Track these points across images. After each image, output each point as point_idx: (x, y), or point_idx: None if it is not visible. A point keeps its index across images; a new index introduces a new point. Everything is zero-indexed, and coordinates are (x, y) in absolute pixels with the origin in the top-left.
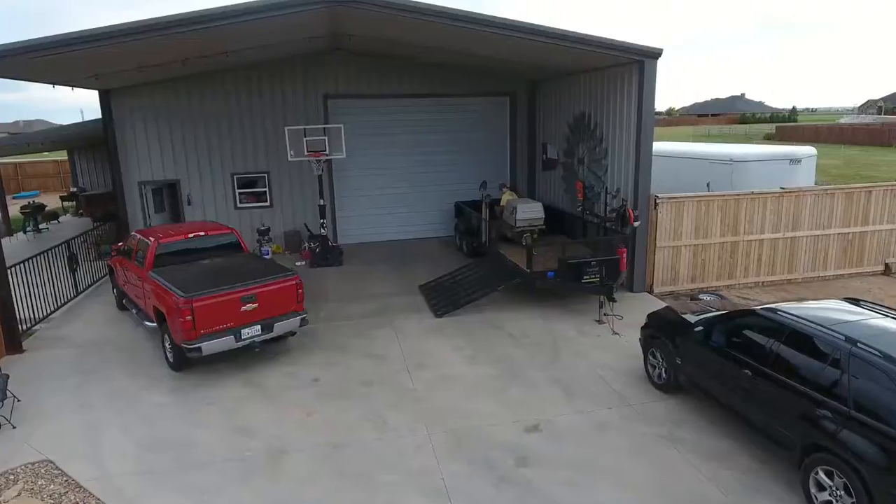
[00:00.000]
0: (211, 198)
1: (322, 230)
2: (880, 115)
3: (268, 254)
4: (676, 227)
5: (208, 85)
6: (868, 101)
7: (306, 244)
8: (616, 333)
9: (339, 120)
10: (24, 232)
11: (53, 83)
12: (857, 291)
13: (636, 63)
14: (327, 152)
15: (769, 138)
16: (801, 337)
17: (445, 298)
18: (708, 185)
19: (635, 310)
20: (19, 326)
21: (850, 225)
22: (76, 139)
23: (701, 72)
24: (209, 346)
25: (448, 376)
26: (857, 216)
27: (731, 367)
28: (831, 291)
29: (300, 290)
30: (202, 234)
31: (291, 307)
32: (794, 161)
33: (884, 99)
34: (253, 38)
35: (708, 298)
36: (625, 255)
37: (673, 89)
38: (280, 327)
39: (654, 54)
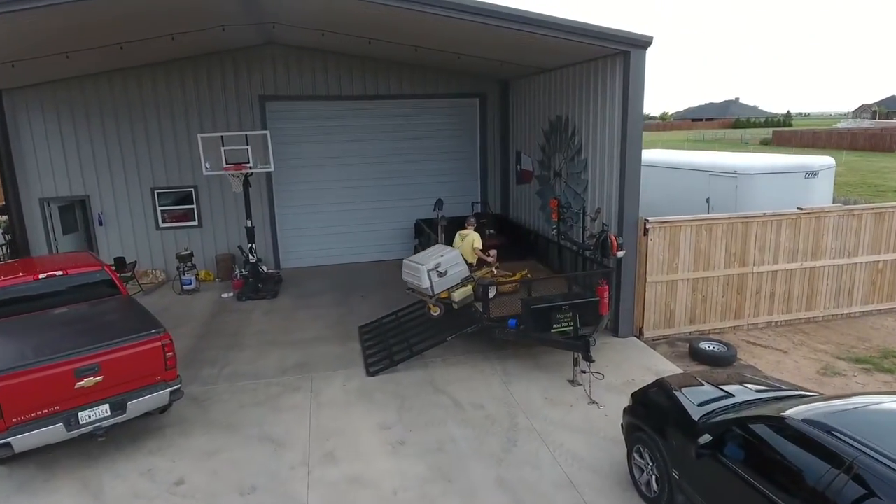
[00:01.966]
0: (127, 217)
1: (251, 257)
2: (875, 119)
3: (190, 284)
4: (671, 258)
5: (124, 85)
6: (862, 105)
7: (237, 271)
8: (594, 402)
9: (279, 126)
10: None
11: None
12: (891, 332)
13: (620, 54)
14: (251, 164)
15: (766, 143)
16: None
17: (383, 348)
18: (708, 201)
19: (621, 363)
20: None
21: (881, 251)
22: None
23: (695, 75)
24: (24, 441)
25: (359, 479)
26: (889, 241)
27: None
28: (860, 332)
29: (169, 353)
30: (58, 273)
31: (156, 377)
32: (811, 173)
33: (878, 103)
34: (147, 23)
35: (711, 348)
36: (606, 293)
37: (667, 93)
38: (136, 406)
39: (642, 43)
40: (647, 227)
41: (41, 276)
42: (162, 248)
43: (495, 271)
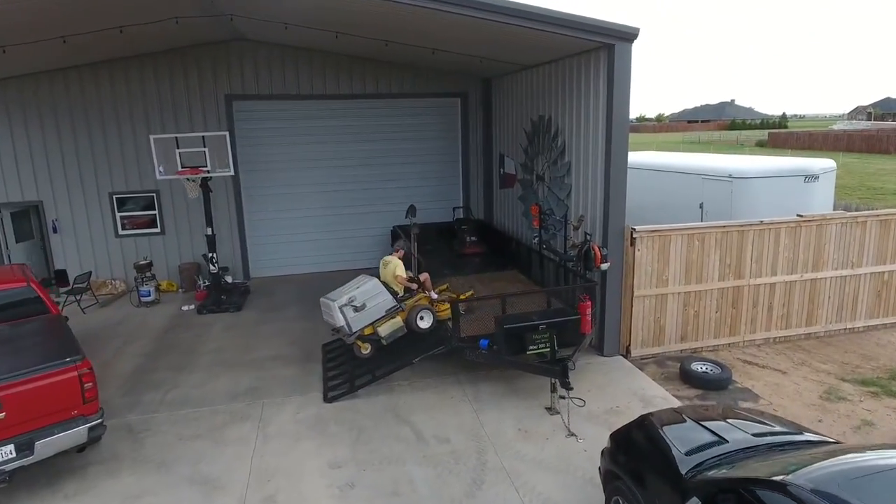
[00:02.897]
0: (84, 223)
1: (212, 267)
2: (870, 120)
3: (148, 295)
4: (661, 270)
5: (79, 84)
6: (858, 107)
7: (201, 282)
8: (572, 434)
9: (247, 127)
10: None
11: None
12: None
13: (604, 48)
14: (208, 168)
15: (761, 145)
16: None
17: (346, 370)
18: (701, 206)
19: (605, 386)
20: None
21: (887, 262)
22: None
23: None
24: None
25: None
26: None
27: None
28: (865, 349)
29: (88, 384)
30: None
31: (71, 411)
32: (811, 177)
33: (873, 105)
34: (92, 14)
35: (704, 370)
36: (589, 310)
37: (663, 95)
38: (46, 447)
39: (628, 35)
40: (635, 236)
41: None
42: (122, 257)
43: (435, 295)
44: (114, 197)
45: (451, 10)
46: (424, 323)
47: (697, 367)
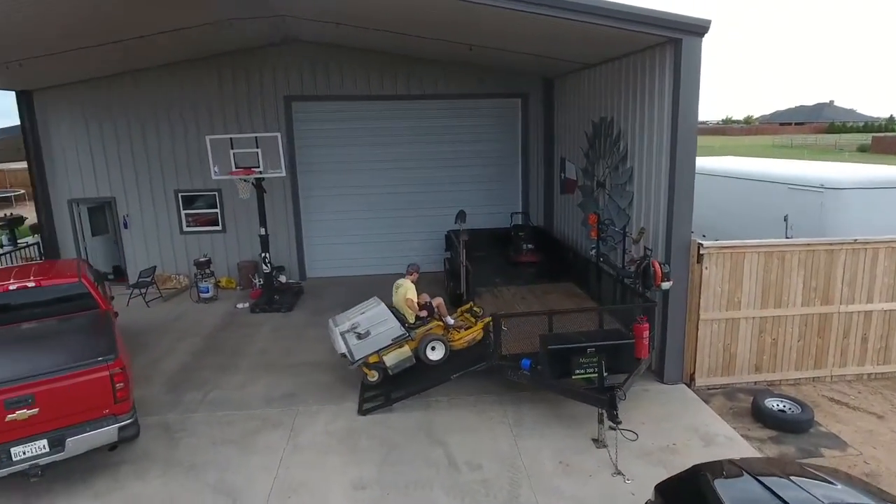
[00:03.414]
0: (152, 220)
1: (265, 267)
2: None
3: (207, 291)
4: (732, 291)
5: (149, 85)
6: None
7: (257, 281)
8: (619, 473)
9: (305, 128)
10: (1, 246)
11: None
12: None
13: (670, 43)
14: (260, 169)
15: (863, 150)
16: None
17: (382, 381)
18: (786, 220)
19: (663, 420)
20: None
21: None
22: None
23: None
24: None
25: None
26: None
27: None
28: None
29: (119, 384)
30: (30, 284)
31: (102, 410)
32: None
33: None
34: (148, 18)
35: (781, 407)
36: (647, 333)
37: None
38: (77, 443)
39: (697, 29)
40: (702, 252)
41: (11, 287)
42: (186, 253)
43: (451, 321)
44: (179, 195)
45: (507, 7)
46: (435, 355)
47: (773, 403)
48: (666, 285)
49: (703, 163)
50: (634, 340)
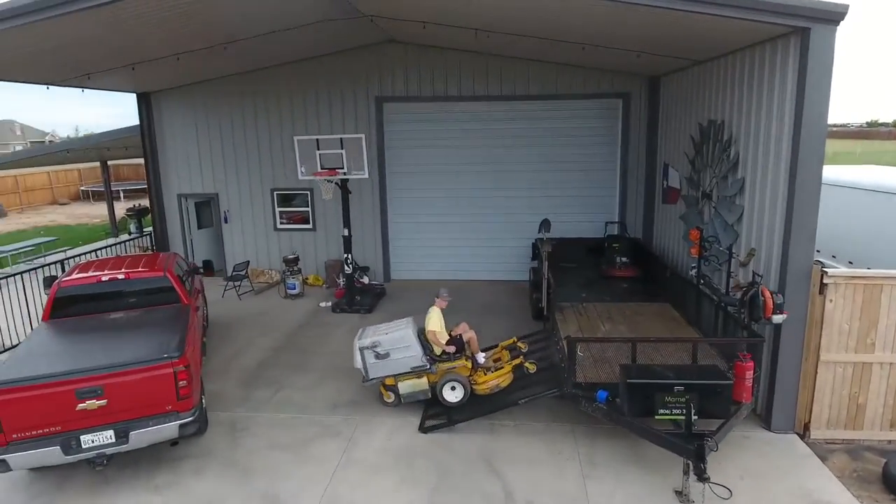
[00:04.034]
0: (249, 216)
1: (346, 267)
2: None
3: (294, 288)
4: (864, 329)
5: (250, 86)
6: None
7: (340, 280)
8: None
9: (395, 129)
10: (129, 234)
11: (89, 75)
12: None
13: (795, 33)
14: (345, 170)
15: None
16: None
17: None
18: None
19: (764, 475)
20: None
21: None
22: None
23: None
24: (21, 459)
25: None
26: None
27: None
28: None
29: (182, 382)
30: (120, 277)
31: (165, 406)
32: None
33: None
34: (245, 22)
35: None
36: (750, 373)
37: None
38: (139, 437)
39: (831, 16)
40: (826, 281)
41: (103, 278)
42: (278, 249)
43: (481, 360)
44: (274, 193)
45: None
46: (452, 396)
47: None
48: (778, 318)
49: (834, 173)
50: (734, 380)
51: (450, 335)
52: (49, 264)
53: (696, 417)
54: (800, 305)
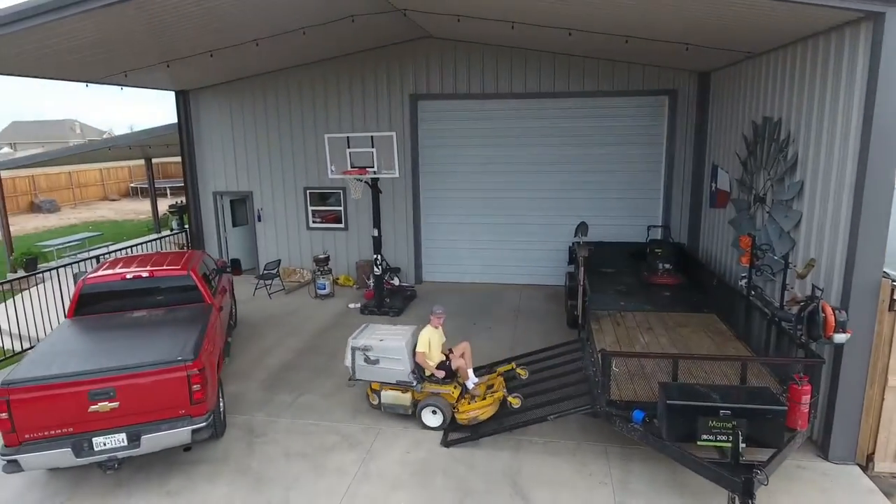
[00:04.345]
0: (283, 214)
1: (376, 268)
2: None
3: (324, 288)
4: None
5: (283, 84)
6: None
7: (370, 281)
8: None
9: (429, 127)
10: (171, 230)
11: (126, 73)
12: None
13: (867, 18)
14: (374, 169)
15: None
16: None
17: None
18: None
19: None
20: None
21: None
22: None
23: None
24: (32, 460)
25: None
26: None
27: None
28: None
29: (196, 386)
30: (144, 275)
31: (178, 410)
32: None
33: None
34: (275, 17)
35: None
36: (807, 397)
37: None
38: (150, 442)
39: None
40: None
41: (127, 275)
42: (311, 248)
43: (471, 385)
44: (307, 191)
45: None
46: (431, 420)
47: None
48: (840, 338)
49: None
50: (788, 405)
51: (446, 355)
52: (89, 259)
53: (744, 446)
54: (866, 323)
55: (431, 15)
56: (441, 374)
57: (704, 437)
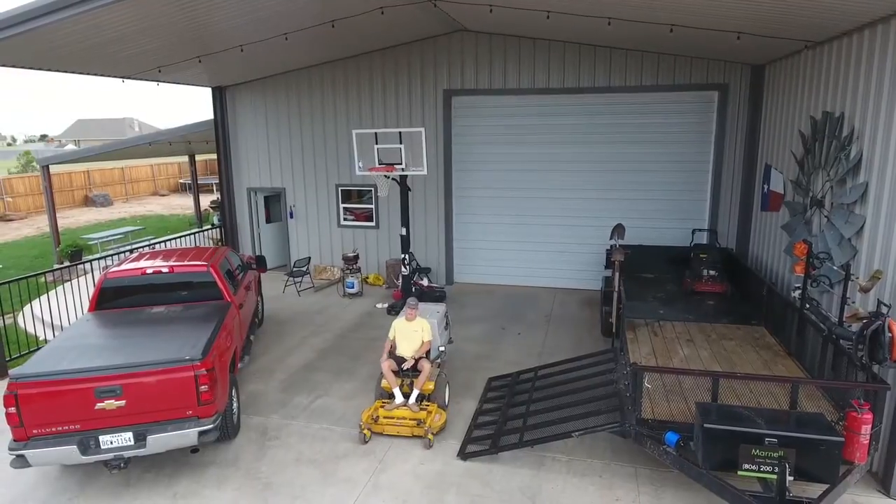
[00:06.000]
0: (314, 211)
1: (404, 269)
2: None
3: (352, 287)
4: None
5: (317, 80)
6: None
7: (399, 281)
8: None
9: (463, 123)
10: (212, 225)
11: (160, 68)
12: None
13: None
14: (403, 166)
15: None
16: None
17: (500, 419)
18: None
19: None
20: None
21: None
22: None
23: None
24: (39, 456)
25: None
26: None
27: None
28: None
29: (204, 387)
30: (164, 270)
31: (185, 411)
32: None
33: None
34: (303, 11)
35: None
36: (868, 427)
37: None
38: (156, 442)
39: None
40: None
41: (148, 270)
42: (341, 246)
43: (411, 400)
44: (339, 189)
45: None
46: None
47: None
48: None
49: None
50: (845, 436)
51: (416, 360)
52: (128, 251)
53: (791, 479)
54: None
55: (462, 5)
56: (387, 364)
57: (746, 466)
